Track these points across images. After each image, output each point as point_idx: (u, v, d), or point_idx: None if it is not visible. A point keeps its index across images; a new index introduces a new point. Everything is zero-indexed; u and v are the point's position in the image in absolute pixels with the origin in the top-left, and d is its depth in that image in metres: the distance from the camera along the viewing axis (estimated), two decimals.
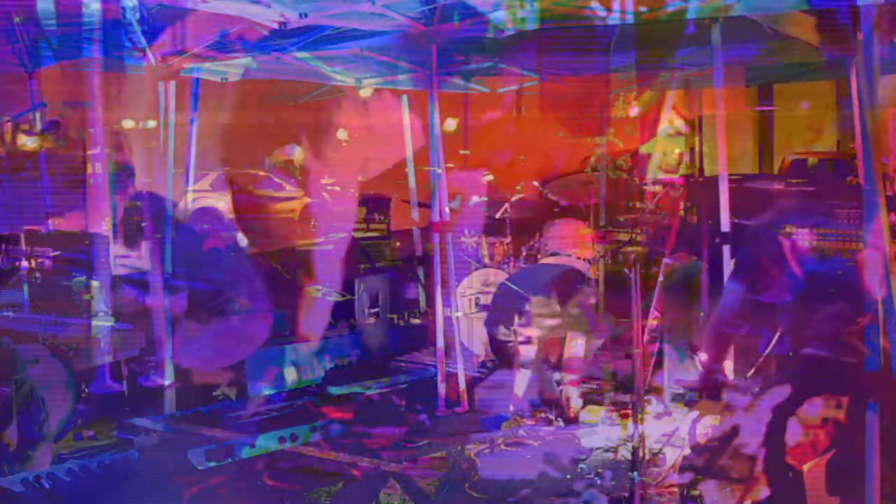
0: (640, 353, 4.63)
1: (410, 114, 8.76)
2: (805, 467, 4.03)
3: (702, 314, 6.09)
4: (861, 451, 3.61)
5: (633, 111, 13.88)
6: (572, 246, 6.56)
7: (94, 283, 6.70)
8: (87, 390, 6.09)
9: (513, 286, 6.60)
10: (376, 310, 8.07)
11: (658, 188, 8.34)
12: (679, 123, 11.52)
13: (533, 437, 5.67)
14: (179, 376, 6.26)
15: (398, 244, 9.74)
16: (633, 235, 7.27)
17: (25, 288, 6.24)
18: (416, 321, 8.12)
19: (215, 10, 6.00)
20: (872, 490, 3.57)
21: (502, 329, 6.35)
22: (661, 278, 6.38)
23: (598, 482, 4.83)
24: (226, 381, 6.53)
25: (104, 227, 7.25)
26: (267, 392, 6.35)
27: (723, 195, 6.71)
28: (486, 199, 8.94)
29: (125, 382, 6.54)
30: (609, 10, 5.81)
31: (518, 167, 11.10)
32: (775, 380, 4.22)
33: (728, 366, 5.56)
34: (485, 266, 8.08)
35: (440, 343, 6.35)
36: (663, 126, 11.46)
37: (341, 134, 11.76)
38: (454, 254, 6.68)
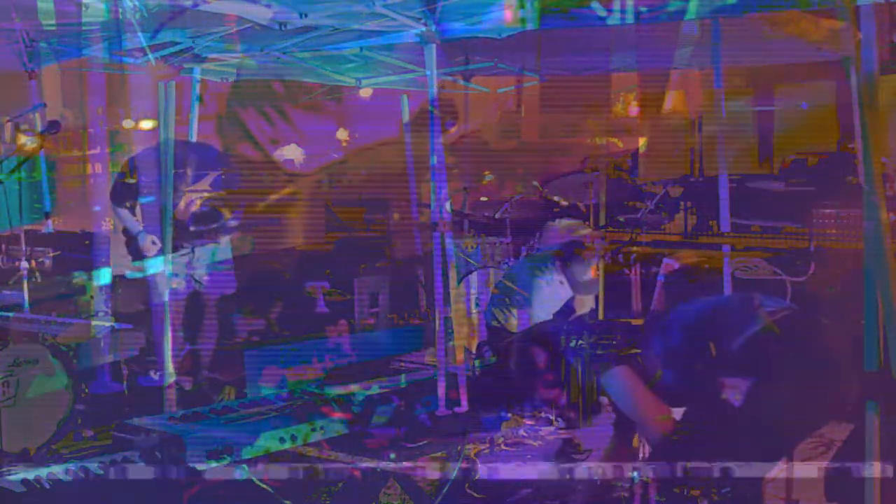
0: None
1: None
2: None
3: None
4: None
5: (633, 111, 13.88)
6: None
7: (94, 283, 6.71)
8: (87, 390, 6.09)
9: (509, 284, 6.61)
10: (376, 310, 8.07)
11: (658, 188, 8.35)
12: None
13: (533, 437, 5.67)
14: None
15: (398, 244, 9.73)
16: (633, 235, 7.27)
17: (25, 288, 6.25)
18: (417, 321, 8.12)
19: (215, 10, 6.00)
20: (872, 492, 3.57)
21: (498, 314, 6.37)
22: (660, 278, 6.37)
23: (598, 482, 4.82)
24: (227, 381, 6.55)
25: (104, 226, 7.26)
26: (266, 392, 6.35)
27: (723, 195, 6.73)
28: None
29: (125, 382, 6.54)
30: (609, 10, 5.81)
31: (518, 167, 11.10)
32: None
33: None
34: (485, 266, 8.09)
35: (440, 343, 6.34)
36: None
37: (341, 134, 11.76)
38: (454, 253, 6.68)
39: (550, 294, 6.55)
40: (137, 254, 6.59)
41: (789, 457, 4.11)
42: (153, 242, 6.43)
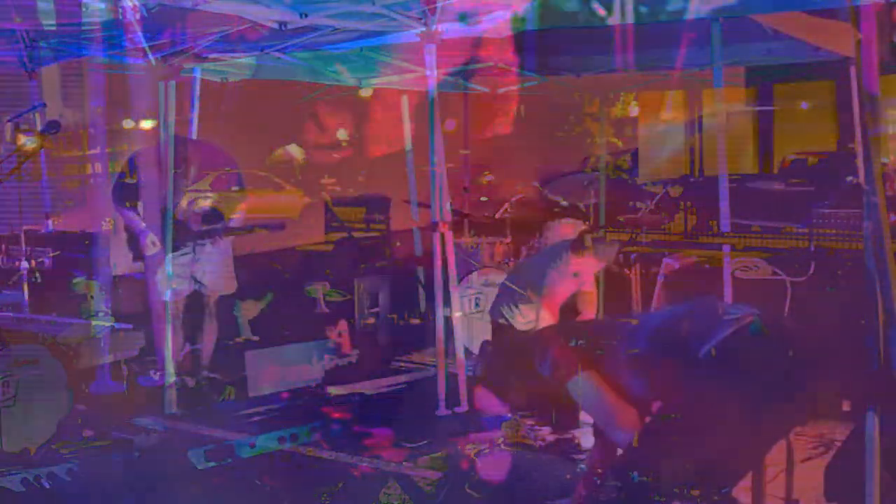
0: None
1: None
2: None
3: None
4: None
5: (633, 111, 13.90)
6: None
7: (94, 283, 6.70)
8: (87, 390, 6.09)
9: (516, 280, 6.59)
10: (376, 310, 8.07)
11: (658, 188, 8.36)
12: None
13: (533, 437, 5.67)
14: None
15: (398, 244, 9.75)
16: (633, 235, 7.28)
17: (25, 288, 6.25)
18: (416, 321, 8.13)
19: (215, 10, 6.00)
20: (872, 493, 3.57)
21: (505, 311, 6.34)
22: (661, 277, 6.37)
23: (598, 482, 4.82)
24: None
25: (104, 226, 7.25)
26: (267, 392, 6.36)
27: (723, 195, 6.73)
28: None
29: (125, 382, 6.54)
30: (609, 10, 5.81)
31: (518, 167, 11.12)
32: None
33: None
34: (485, 266, 8.09)
35: (440, 343, 6.34)
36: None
37: (341, 134, 11.77)
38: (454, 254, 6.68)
39: (561, 288, 6.52)
40: (138, 252, 6.59)
41: (759, 462, 4.10)
42: (153, 242, 6.43)
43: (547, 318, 6.53)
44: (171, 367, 6.19)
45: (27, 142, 5.44)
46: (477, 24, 6.37)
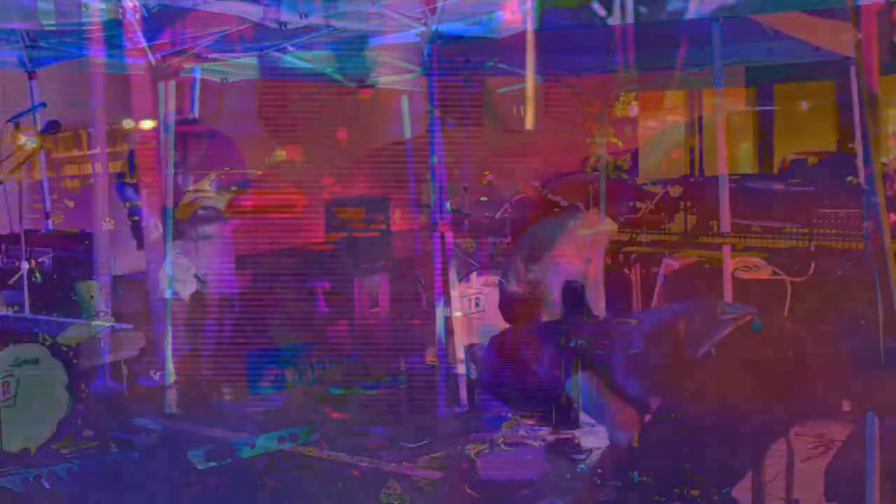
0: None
1: None
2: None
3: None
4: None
5: (633, 111, 13.88)
6: None
7: (94, 283, 6.71)
8: (87, 390, 6.09)
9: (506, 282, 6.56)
10: (376, 309, 8.07)
11: (658, 188, 8.35)
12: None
13: (533, 437, 5.67)
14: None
15: (398, 244, 9.74)
16: (633, 235, 7.27)
17: (25, 288, 6.25)
18: (416, 321, 8.11)
19: (215, 10, 6.00)
20: (872, 493, 3.57)
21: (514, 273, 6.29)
22: (661, 277, 6.36)
23: (598, 482, 4.82)
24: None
25: (104, 226, 7.25)
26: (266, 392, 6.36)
27: (723, 195, 6.72)
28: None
29: (125, 382, 6.54)
30: (609, 10, 5.81)
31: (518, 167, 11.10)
32: None
33: None
34: (485, 266, 8.08)
35: (440, 343, 6.35)
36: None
37: (342, 134, 11.76)
38: (454, 254, 6.68)
39: (570, 249, 6.46)
40: (142, 240, 6.60)
41: (759, 462, 4.11)
42: (155, 225, 6.44)
43: (556, 272, 6.45)
44: (171, 367, 6.18)
45: (27, 142, 5.44)
46: (477, 23, 6.37)
